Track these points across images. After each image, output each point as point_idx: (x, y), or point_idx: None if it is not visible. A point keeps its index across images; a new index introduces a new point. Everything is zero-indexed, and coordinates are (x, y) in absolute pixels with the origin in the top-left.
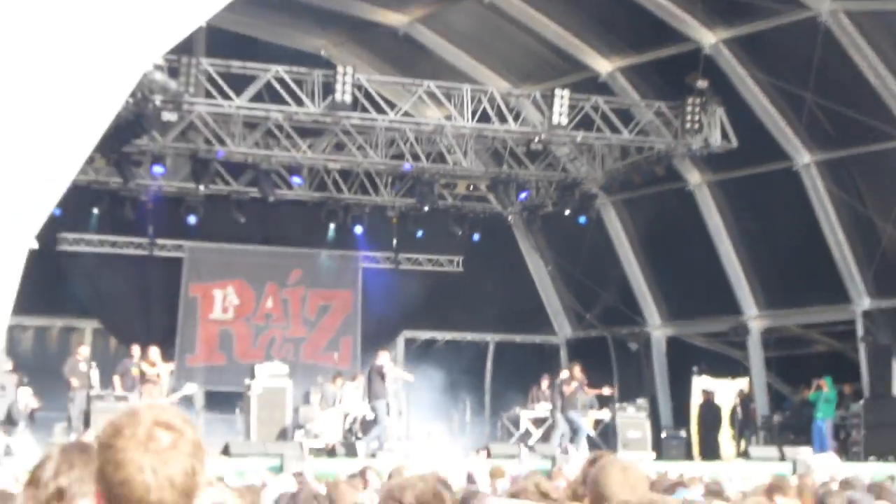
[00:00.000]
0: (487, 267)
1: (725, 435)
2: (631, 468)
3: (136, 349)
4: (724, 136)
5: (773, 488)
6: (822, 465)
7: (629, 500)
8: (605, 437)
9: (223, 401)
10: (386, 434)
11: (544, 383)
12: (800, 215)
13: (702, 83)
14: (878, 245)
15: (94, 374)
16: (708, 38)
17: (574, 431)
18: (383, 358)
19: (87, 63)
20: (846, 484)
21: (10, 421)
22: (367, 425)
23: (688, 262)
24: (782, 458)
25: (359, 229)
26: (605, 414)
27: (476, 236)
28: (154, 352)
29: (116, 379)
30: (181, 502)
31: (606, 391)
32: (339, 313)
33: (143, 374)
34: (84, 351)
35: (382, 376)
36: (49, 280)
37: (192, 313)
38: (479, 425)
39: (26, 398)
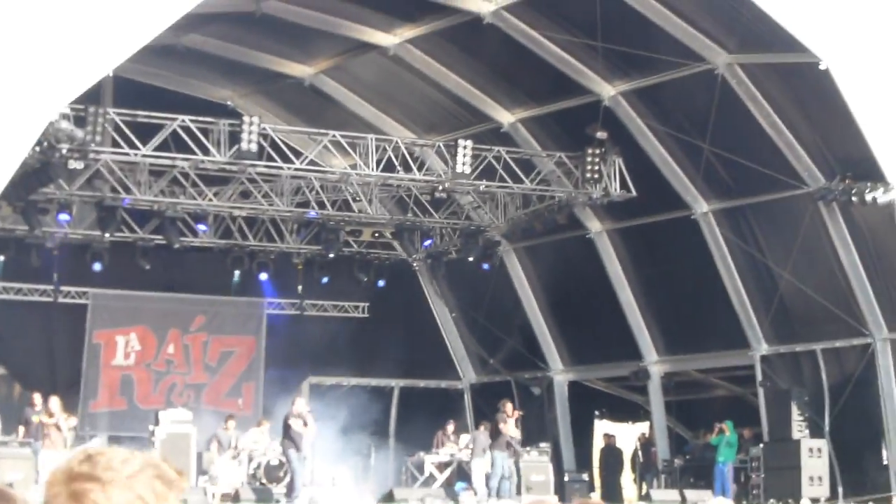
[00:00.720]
0: (393, 313)
1: (627, 478)
2: None
3: (37, 397)
4: (624, 185)
5: None
6: None
7: None
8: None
9: (126, 446)
10: (296, 482)
11: (449, 428)
12: (698, 262)
13: (601, 134)
14: (776, 292)
15: None
16: (607, 90)
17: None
18: (300, 404)
19: None
20: None
21: None
22: (271, 471)
23: (589, 309)
24: (683, 501)
25: (264, 276)
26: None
27: (381, 283)
28: (54, 402)
29: (21, 428)
30: None
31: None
32: (242, 359)
33: (42, 423)
34: None
35: (294, 423)
36: None
37: (96, 359)
38: (384, 470)
39: None
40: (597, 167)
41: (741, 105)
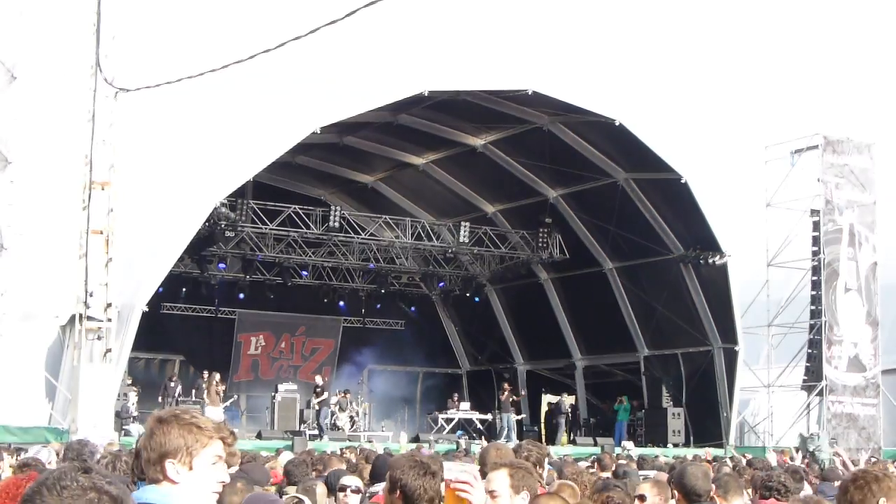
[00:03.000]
0: (419, 327)
1: (561, 430)
2: (502, 446)
3: (205, 374)
4: (561, 251)
5: (596, 462)
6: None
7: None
8: (490, 431)
9: (252, 405)
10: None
11: (455, 397)
12: (606, 298)
13: (548, 220)
14: (653, 316)
15: (178, 389)
16: (552, 192)
17: (504, 427)
18: (317, 380)
19: (180, 200)
20: (641, 461)
21: (125, 416)
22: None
23: (540, 325)
24: (595, 444)
25: (342, 303)
26: (489, 416)
27: (413, 309)
28: (215, 377)
29: (193, 391)
30: None
31: (522, 394)
32: (324, 353)
33: (208, 389)
34: (172, 377)
35: (318, 394)
36: (155, 331)
37: (238, 351)
38: (413, 422)
39: (133, 398)
40: (545, 239)
41: (633, 203)
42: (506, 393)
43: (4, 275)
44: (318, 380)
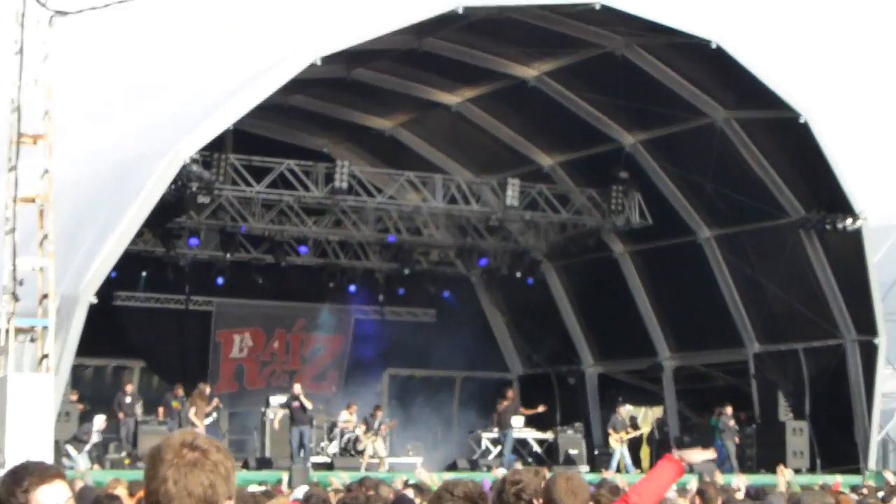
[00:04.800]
0: (455, 318)
1: (644, 452)
2: (574, 477)
3: (179, 388)
4: (642, 215)
5: (698, 496)
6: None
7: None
8: (549, 453)
9: (237, 420)
10: (302, 453)
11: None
12: (702, 277)
13: (623, 174)
14: (765, 301)
15: (139, 405)
16: (628, 139)
17: (502, 444)
18: (296, 389)
19: (137, 156)
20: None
21: (77, 440)
22: (357, 445)
23: (614, 314)
24: (690, 469)
25: (352, 288)
26: (549, 435)
27: (446, 294)
28: (206, 389)
29: (161, 409)
30: None
31: (540, 409)
32: (330, 353)
33: (194, 405)
34: (129, 388)
35: (296, 406)
36: (106, 329)
37: (217, 354)
38: (448, 444)
39: (100, 423)
40: (620, 201)
41: (736, 150)
42: (506, 402)
43: None
44: (296, 388)
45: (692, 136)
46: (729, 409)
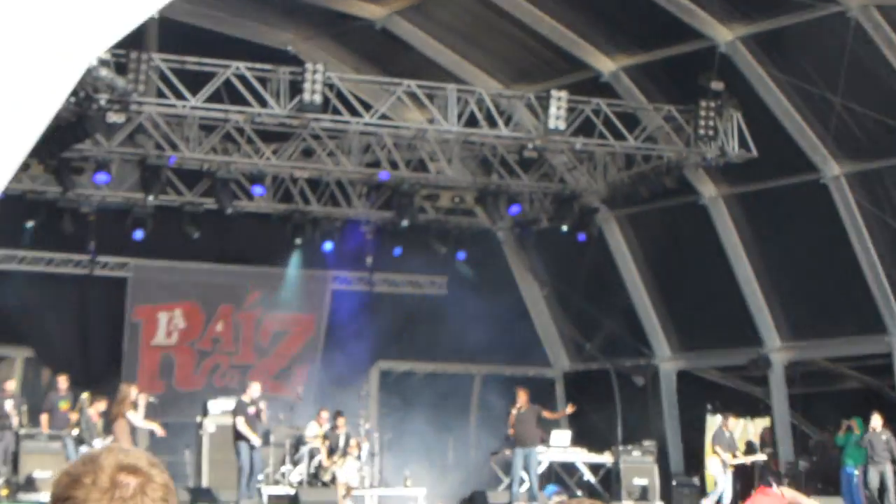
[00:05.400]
0: (474, 289)
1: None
2: None
3: (62, 381)
4: (743, 143)
5: None
6: None
7: None
8: (608, 484)
9: (164, 441)
10: (242, 482)
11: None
12: (828, 233)
13: (717, 85)
14: None
15: (22, 412)
16: (724, 34)
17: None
18: (254, 390)
19: (22, 57)
20: None
21: None
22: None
23: (702, 286)
24: None
25: (329, 246)
26: (606, 458)
27: (461, 255)
28: (131, 392)
29: (43, 417)
30: None
31: (567, 410)
32: (298, 340)
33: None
34: (8, 388)
35: (251, 412)
36: None
37: (135, 339)
38: (464, 469)
39: None
40: (711, 122)
41: (878, 53)
42: (518, 408)
43: None
44: (255, 389)
45: (816, 31)
46: (878, 421)
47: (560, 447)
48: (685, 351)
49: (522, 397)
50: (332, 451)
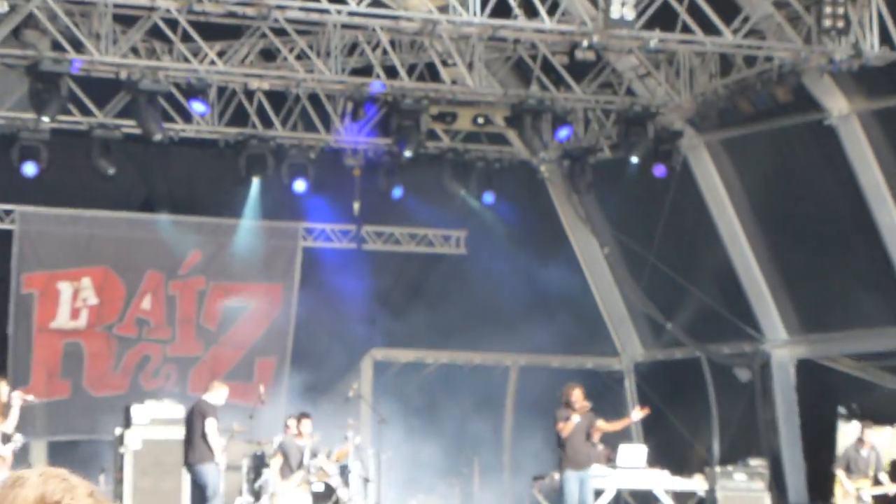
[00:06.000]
0: (507, 248)
1: None
2: None
3: None
4: (886, 40)
5: None
6: None
7: None
8: None
9: (71, 456)
10: None
11: (597, 434)
12: None
13: None
14: None
15: None
16: None
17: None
18: (221, 396)
19: None
20: None
21: None
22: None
23: (831, 242)
24: None
25: (300, 186)
26: (697, 483)
27: (489, 198)
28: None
29: None
30: None
31: (636, 415)
32: (260, 320)
33: None
34: None
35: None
36: None
37: (26, 319)
38: (496, 496)
39: None
40: (841, 10)
41: None
42: (574, 416)
43: None
44: (220, 396)
45: None
46: None
47: (632, 468)
48: (808, 332)
49: (579, 397)
50: (284, 467)
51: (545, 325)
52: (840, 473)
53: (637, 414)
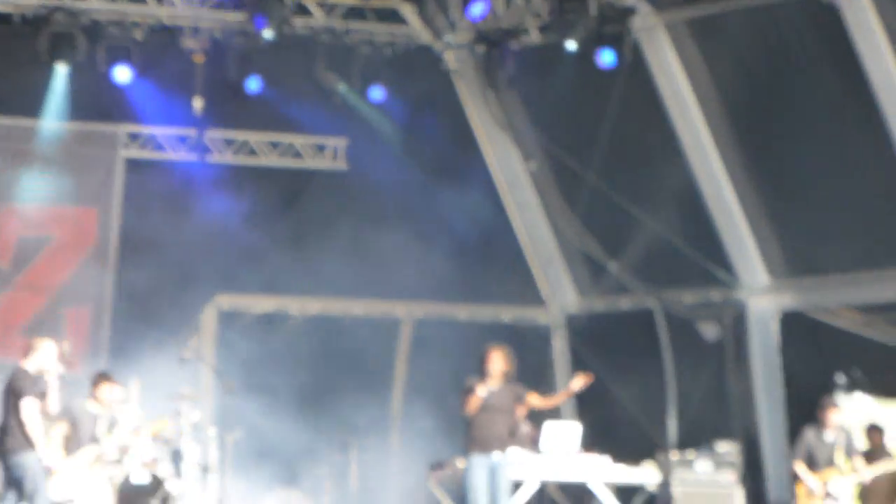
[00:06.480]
0: (398, 162)
1: None
2: None
3: None
4: None
5: None
6: None
7: None
8: None
9: None
10: None
11: (522, 411)
12: None
13: None
14: None
15: None
16: None
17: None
18: (46, 354)
19: None
20: None
21: None
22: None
23: (827, 156)
24: None
25: (122, 75)
26: (647, 475)
27: (376, 94)
28: None
29: None
30: None
31: (577, 385)
32: (69, 256)
33: None
34: None
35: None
36: None
37: None
38: (380, 489)
39: None
40: None
41: None
42: (485, 387)
43: None
44: (41, 355)
45: None
46: None
47: (561, 454)
48: (797, 276)
49: (496, 362)
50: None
51: (449, 264)
52: (799, 468)
53: (578, 383)
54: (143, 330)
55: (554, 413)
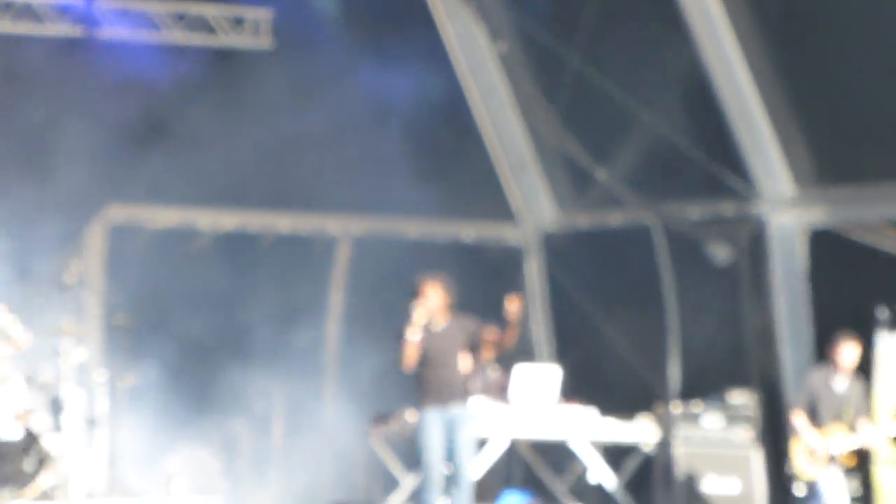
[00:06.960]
0: (336, 40)
1: None
2: None
3: None
4: None
5: None
6: None
7: None
8: (644, 488)
9: None
10: None
11: (488, 352)
12: None
13: None
14: None
15: None
16: None
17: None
18: None
19: None
20: None
21: None
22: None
23: (861, 41)
24: None
25: None
26: (643, 432)
27: None
28: None
29: None
30: None
31: (511, 310)
32: None
33: None
34: None
35: None
36: None
37: None
38: (310, 447)
39: None
40: None
41: None
42: (428, 324)
43: None
44: None
45: None
46: None
47: (534, 406)
48: (828, 185)
49: (432, 298)
50: None
51: (397, 171)
52: (798, 419)
53: (511, 306)
54: (11, 249)
55: (527, 354)
